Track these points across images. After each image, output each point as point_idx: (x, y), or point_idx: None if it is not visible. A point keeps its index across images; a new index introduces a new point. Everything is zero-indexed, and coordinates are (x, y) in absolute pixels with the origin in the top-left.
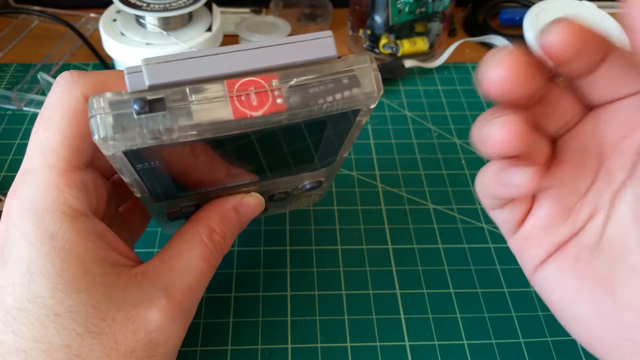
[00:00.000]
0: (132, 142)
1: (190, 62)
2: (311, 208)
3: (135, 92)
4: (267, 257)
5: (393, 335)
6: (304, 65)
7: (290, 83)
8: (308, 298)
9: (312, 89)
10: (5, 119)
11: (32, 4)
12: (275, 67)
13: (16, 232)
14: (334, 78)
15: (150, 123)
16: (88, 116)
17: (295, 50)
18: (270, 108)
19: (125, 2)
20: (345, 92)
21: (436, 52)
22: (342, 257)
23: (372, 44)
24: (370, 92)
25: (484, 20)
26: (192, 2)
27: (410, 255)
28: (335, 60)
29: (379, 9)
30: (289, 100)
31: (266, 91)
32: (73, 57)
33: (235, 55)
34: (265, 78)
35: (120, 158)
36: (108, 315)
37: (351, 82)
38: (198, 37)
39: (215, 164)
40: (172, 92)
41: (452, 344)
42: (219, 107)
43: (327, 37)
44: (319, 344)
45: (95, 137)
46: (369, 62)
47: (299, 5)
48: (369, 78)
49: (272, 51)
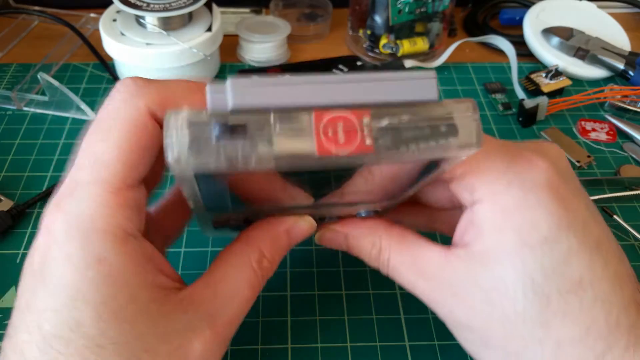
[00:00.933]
0: (206, 166)
1: (279, 87)
2: None
3: (216, 112)
4: None
5: (393, 335)
6: (399, 106)
7: (382, 124)
8: (308, 298)
9: (405, 133)
10: (5, 119)
11: (32, 4)
12: (368, 103)
13: (60, 252)
14: (431, 124)
15: (229, 149)
16: (163, 134)
17: (393, 88)
18: (357, 148)
19: (125, 2)
20: (440, 140)
21: (436, 52)
22: (342, 258)
23: (372, 44)
24: (468, 144)
25: (484, 20)
26: (192, 2)
27: None
28: (434, 104)
29: (379, 9)
30: (379, 141)
31: (355, 130)
32: (73, 57)
33: (328, 85)
34: (357, 114)
35: (189, 178)
36: (151, 348)
37: (448, 130)
38: (198, 37)
39: (278, 186)
40: (255, 118)
41: (452, 344)
42: (303, 140)
43: (430, 78)
44: (319, 344)
45: (168, 158)
46: (471, 111)
47: (299, 6)
48: (468, 128)
49: (368, 86)
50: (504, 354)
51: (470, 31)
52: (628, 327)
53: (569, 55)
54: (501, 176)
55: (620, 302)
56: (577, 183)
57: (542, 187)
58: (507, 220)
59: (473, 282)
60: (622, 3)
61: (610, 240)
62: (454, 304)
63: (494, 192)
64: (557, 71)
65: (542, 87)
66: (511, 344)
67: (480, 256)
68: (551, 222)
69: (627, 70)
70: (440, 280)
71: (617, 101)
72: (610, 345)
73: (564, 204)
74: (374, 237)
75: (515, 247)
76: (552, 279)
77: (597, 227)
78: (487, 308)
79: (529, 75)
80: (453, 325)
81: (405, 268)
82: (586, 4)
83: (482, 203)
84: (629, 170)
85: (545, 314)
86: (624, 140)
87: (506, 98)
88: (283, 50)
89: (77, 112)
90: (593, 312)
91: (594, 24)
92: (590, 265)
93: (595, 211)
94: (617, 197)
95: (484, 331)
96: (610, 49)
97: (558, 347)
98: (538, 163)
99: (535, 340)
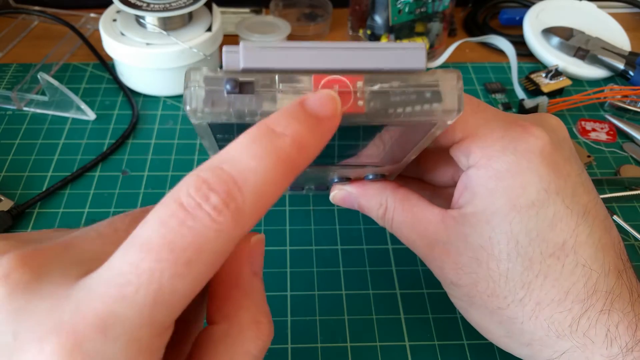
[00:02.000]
0: (218, 117)
1: (284, 52)
2: (311, 208)
3: (229, 71)
4: (267, 257)
5: (393, 335)
6: (390, 73)
7: (373, 87)
8: (308, 298)
9: (393, 97)
10: (5, 119)
11: (32, 4)
12: (362, 69)
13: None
14: (417, 90)
15: (237, 103)
16: (183, 86)
17: (385, 57)
18: (349, 108)
19: (125, 2)
20: (425, 105)
21: (436, 52)
22: (342, 257)
23: None
24: (450, 110)
25: (483, 20)
26: (192, 2)
27: (410, 255)
28: (422, 73)
29: (379, 9)
30: (369, 103)
31: (349, 92)
32: (73, 57)
33: (328, 52)
34: (351, 79)
35: (204, 127)
36: None
37: (433, 96)
38: (198, 37)
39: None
40: (262, 77)
41: (452, 344)
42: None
43: (419, 48)
44: (319, 344)
45: (187, 107)
46: (455, 80)
47: (299, 6)
48: (452, 95)
49: (363, 54)
50: (487, 311)
51: (470, 31)
52: (605, 292)
53: (569, 55)
54: (497, 142)
55: (601, 268)
56: (573, 152)
57: (535, 153)
58: (498, 184)
59: (463, 241)
60: (622, 3)
61: (598, 207)
62: (445, 261)
63: (488, 156)
64: (557, 71)
65: (542, 87)
66: (494, 301)
67: (472, 217)
68: (540, 186)
69: (627, 70)
70: (435, 239)
71: (617, 101)
72: (587, 308)
73: (555, 169)
74: (381, 197)
75: (504, 209)
76: (535, 242)
77: (586, 194)
78: (474, 266)
79: (529, 75)
80: (444, 282)
81: (406, 227)
82: (586, 4)
83: (477, 167)
84: (629, 170)
85: (527, 275)
86: (624, 140)
87: (506, 98)
88: None
89: (77, 112)
90: (573, 277)
91: (594, 24)
92: (574, 230)
93: (587, 179)
94: (617, 197)
95: (469, 288)
96: (610, 49)
97: (537, 307)
98: (533, 131)
99: (517, 300)
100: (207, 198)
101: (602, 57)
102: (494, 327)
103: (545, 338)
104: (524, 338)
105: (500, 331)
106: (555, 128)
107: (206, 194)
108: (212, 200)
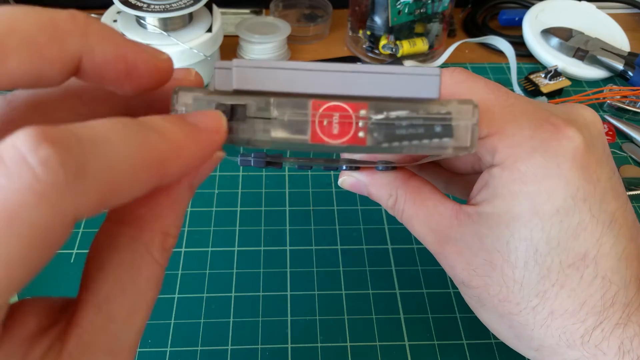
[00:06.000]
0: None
1: (280, 73)
2: (311, 208)
3: (220, 91)
4: (267, 257)
5: (393, 335)
6: (398, 101)
7: (378, 117)
8: (308, 298)
9: (399, 130)
10: None
11: (32, 4)
12: (367, 96)
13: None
14: (426, 123)
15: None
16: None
17: (395, 83)
18: (350, 140)
19: (126, 3)
20: (434, 139)
21: (436, 53)
22: (341, 257)
23: (372, 44)
24: (462, 147)
25: (483, 21)
26: (192, 3)
27: (410, 255)
28: (434, 102)
29: (379, 10)
30: (372, 135)
31: (350, 122)
32: None
33: (329, 74)
34: (354, 106)
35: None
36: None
37: (444, 131)
38: (198, 37)
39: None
40: (255, 101)
41: (451, 344)
42: (299, 127)
43: (433, 75)
44: (319, 344)
45: None
46: (471, 113)
47: (299, 6)
48: (465, 131)
49: (370, 79)
50: (497, 314)
51: (469, 32)
52: (624, 305)
53: (568, 55)
54: (525, 142)
55: (621, 281)
56: (606, 150)
57: (567, 156)
58: (523, 188)
59: (478, 241)
60: (622, 3)
61: (626, 214)
62: (457, 260)
63: (515, 157)
64: (557, 72)
65: (541, 87)
66: (505, 306)
67: (490, 218)
68: (567, 193)
69: (626, 70)
70: (447, 235)
71: (616, 101)
72: (602, 320)
73: (585, 174)
74: (391, 188)
75: (526, 215)
76: (556, 251)
77: (615, 200)
78: (488, 269)
79: (529, 75)
80: (455, 280)
81: (417, 221)
82: (586, 4)
83: (502, 167)
84: (629, 171)
85: (543, 284)
86: (623, 141)
87: None
88: (283, 50)
89: None
90: (591, 288)
91: (593, 24)
92: (598, 240)
93: (617, 182)
94: None
95: (480, 291)
96: (610, 50)
97: (550, 317)
98: (567, 132)
99: (529, 307)
100: (36, 149)
101: (602, 57)
102: (503, 330)
103: (555, 346)
104: (533, 343)
105: (510, 334)
106: (589, 123)
107: (36, 145)
108: (40, 153)
